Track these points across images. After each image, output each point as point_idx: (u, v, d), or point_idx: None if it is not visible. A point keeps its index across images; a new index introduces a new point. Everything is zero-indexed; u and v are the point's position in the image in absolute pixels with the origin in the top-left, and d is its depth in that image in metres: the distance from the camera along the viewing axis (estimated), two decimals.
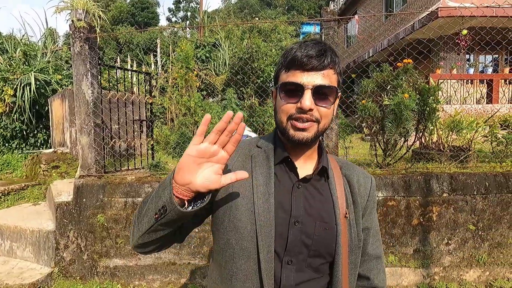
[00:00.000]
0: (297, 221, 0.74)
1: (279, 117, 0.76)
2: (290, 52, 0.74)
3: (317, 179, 0.81)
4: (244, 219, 0.74)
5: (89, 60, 2.82)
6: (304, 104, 0.70)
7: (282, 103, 0.74)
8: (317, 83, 0.71)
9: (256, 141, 0.86)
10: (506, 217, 2.56)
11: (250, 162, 0.80)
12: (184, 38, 12.22)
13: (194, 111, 5.66)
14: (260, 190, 0.75)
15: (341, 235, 0.76)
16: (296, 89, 0.72)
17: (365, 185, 0.87)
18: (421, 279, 2.55)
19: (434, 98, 2.80)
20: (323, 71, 0.72)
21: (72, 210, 2.72)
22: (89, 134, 2.86)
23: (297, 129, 0.73)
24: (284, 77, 0.75)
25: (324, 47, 0.73)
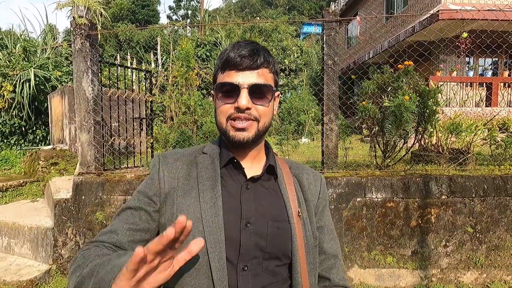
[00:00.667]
0: (248, 222, 0.71)
1: (218, 118, 0.76)
2: (224, 53, 0.74)
3: (266, 179, 0.80)
4: (192, 228, 0.64)
5: (89, 57, 2.81)
6: (241, 103, 0.71)
7: (220, 104, 0.74)
8: (252, 82, 0.72)
9: (201, 148, 0.84)
10: (504, 220, 2.57)
11: (195, 169, 0.78)
12: (185, 36, 12.20)
13: (194, 110, 5.66)
14: (207, 195, 0.72)
15: (296, 234, 0.74)
16: (232, 89, 0.72)
17: (315, 183, 0.87)
18: (419, 281, 2.56)
19: (434, 101, 2.81)
20: (257, 70, 0.73)
21: (70, 207, 2.71)
22: (89, 131, 2.85)
23: (237, 129, 0.73)
24: (220, 78, 0.75)
25: (256, 46, 0.74)
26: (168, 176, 0.77)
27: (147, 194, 0.76)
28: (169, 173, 0.77)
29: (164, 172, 0.77)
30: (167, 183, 0.76)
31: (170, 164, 0.79)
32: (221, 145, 0.82)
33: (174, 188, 0.75)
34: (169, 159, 0.80)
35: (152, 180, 0.77)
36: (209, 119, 6.04)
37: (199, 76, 7.85)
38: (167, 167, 0.78)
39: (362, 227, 2.57)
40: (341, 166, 3.04)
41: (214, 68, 0.80)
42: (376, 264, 2.57)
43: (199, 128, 5.66)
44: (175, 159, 0.80)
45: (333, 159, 2.82)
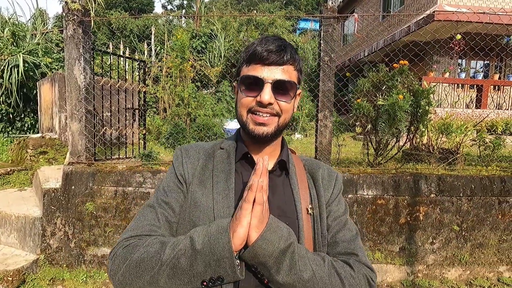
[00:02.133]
0: None
1: (239, 111, 0.77)
2: (251, 47, 0.75)
3: (278, 174, 0.81)
4: (203, 217, 0.72)
5: (82, 44, 2.74)
6: (264, 97, 0.71)
7: (242, 96, 0.75)
8: (277, 78, 0.72)
9: (220, 142, 0.87)
10: (489, 219, 2.65)
11: (211, 162, 0.81)
12: (180, 27, 12.00)
13: (188, 102, 5.60)
14: (220, 187, 0.75)
15: (304, 230, 0.74)
16: (256, 82, 0.72)
17: (329, 177, 0.85)
18: (405, 276, 2.63)
19: (427, 101, 2.85)
20: (283, 66, 0.73)
21: (60, 197, 2.67)
22: (80, 120, 2.79)
23: (257, 123, 0.74)
24: (245, 71, 0.75)
25: (284, 43, 0.74)
26: (189, 167, 0.80)
27: (175, 183, 0.79)
28: (191, 165, 0.81)
29: (187, 164, 0.81)
30: (189, 173, 0.79)
31: (191, 156, 0.82)
32: (238, 139, 0.84)
33: (193, 178, 0.79)
34: (190, 152, 0.83)
35: (177, 170, 0.81)
36: (203, 112, 6.00)
37: (193, 68, 7.76)
38: (189, 159, 0.82)
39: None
40: (334, 162, 3.06)
41: (239, 60, 0.80)
42: None
43: (193, 121, 5.61)
44: (196, 151, 0.83)
45: (326, 156, 2.84)
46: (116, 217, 2.65)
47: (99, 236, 2.65)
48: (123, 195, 2.65)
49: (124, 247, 0.69)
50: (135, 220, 0.75)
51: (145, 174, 2.68)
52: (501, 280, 2.62)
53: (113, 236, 2.65)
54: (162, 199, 0.77)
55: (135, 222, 0.74)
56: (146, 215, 0.75)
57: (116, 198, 2.65)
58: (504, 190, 2.66)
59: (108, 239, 2.65)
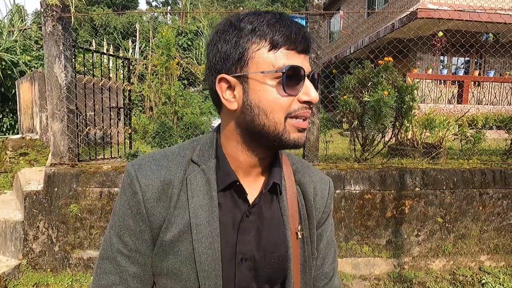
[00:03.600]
0: (244, 259, 0.61)
1: (272, 116, 0.55)
2: (275, 26, 0.53)
3: (268, 198, 0.65)
4: (185, 270, 0.58)
5: (62, 42, 2.64)
6: (315, 95, 0.56)
7: (277, 96, 0.54)
8: (310, 69, 0.57)
9: (190, 150, 0.63)
10: (470, 210, 2.74)
11: (185, 190, 0.59)
12: (165, 24, 11.79)
13: (175, 100, 5.52)
14: (201, 232, 0.58)
15: (293, 259, 0.65)
16: (297, 75, 0.54)
17: (321, 193, 0.72)
18: (392, 268, 2.69)
19: (411, 97, 2.91)
20: (308, 55, 0.58)
21: (42, 200, 2.58)
22: (62, 120, 2.71)
23: (301, 130, 0.57)
24: (280, 59, 0.53)
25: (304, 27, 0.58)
26: (152, 201, 0.59)
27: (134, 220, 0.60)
28: (154, 195, 0.59)
29: (148, 195, 0.59)
30: (153, 208, 0.59)
31: (152, 184, 0.59)
32: (218, 152, 0.62)
33: (159, 214, 0.59)
34: (149, 175, 0.60)
35: (133, 205, 0.59)
36: (190, 110, 5.93)
37: (180, 66, 7.65)
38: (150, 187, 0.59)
39: (340, 218, 2.65)
40: (321, 159, 3.09)
41: (241, 39, 0.54)
42: (353, 253, 2.66)
43: (180, 119, 5.54)
44: (158, 174, 0.60)
45: (314, 152, 2.86)
46: (102, 219, 2.59)
47: (84, 238, 2.59)
48: (109, 196, 2.59)
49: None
50: (104, 273, 0.61)
51: None
52: (482, 269, 2.73)
53: (99, 238, 2.59)
54: (131, 246, 0.60)
55: (111, 274, 0.61)
56: (120, 265, 0.61)
57: (102, 199, 2.59)
58: (485, 183, 2.75)
59: (94, 241, 2.59)
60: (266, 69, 0.54)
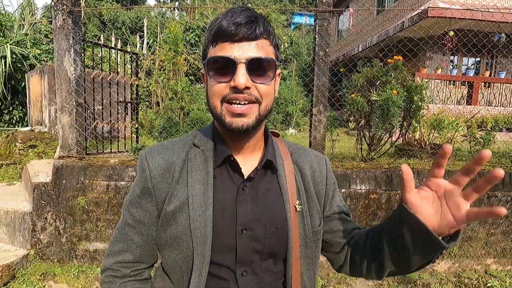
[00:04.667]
0: (244, 229, 0.66)
1: (211, 101, 0.64)
2: (215, 22, 0.62)
3: (264, 174, 0.71)
4: (185, 238, 0.65)
5: (72, 35, 2.67)
6: (239, 81, 0.59)
7: (213, 84, 0.62)
8: (251, 56, 0.60)
9: (193, 137, 0.74)
10: None
11: (185, 167, 0.69)
12: (173, 19, 11.81)
13: (181, 96, 5.54)
14: (196, 201, 0.65)
15: (292, 230, 0.69)
16: (227, 64, 0.60)
17: (320, 170, 0.78)
18: None
19: (420, 96, 2.87)
20: (256, 41, 0.61)
21: (50, 192, 2.62)
22: (71, 113, 2.74)
23: (235, 114, 0.62)
24: (212, 53, 0.63)
25: (254, 13, 0.62)
26: (158, 178, 0.69)
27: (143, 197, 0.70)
28: (160, 175, 0.69)
29: (155, 174, 0.69)
30: (159, 184, 0.68)
31: (159, 165, 0.69)
32: (215, 135, 0.72)
33: (164, 190, 0.69)
34: (156, 158, 0.70)
35: (144, 182, 0.69)
36: (197, 106, 5.95)
37: (187, 62, 7.66)
38: (157, 168, 0.69)
39: None
40: (327, 157, 3.07)
41: (204, 42, 0.66)
42: None
43: (186, 115, 5.56)
44: (164, 156, 0.70)
45: (320, 151, 2.85)
46: (109, 212, 2.62)
47: (91, 231, 2.62)
48: (116, 190, 2.62)
49: (105, 282, 0.71)
50: (115, 241, 0.72)
51: None
52: (488, 272, 2.69)
53: (105, 231, 2.62)
54: (135, 217, 0.70)
55: (120, 242, 0.71)
56: (127, 235, 0.71)
57: (108, 193, 2.62)
58: (493, 185, 2.71)
59: (100, 234, 2.62)
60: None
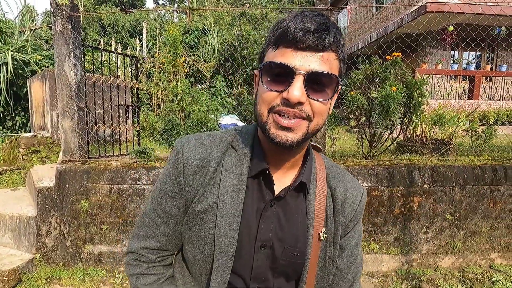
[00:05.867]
0: (263, 246, 0.65)
1: (258, 107, 0.60)
2: (282, 24, 0.57)
3: (295, 194, 0.69)
4: (208, 240, 0.65)
5: (72, 40, 2.69)
6: (292, 94, 0.54)
7: (264, 90, 0.58)
8: (312, 68, 0.55)
9: (232, 137, 0.70)
10: (481, 207, 2.69)
11: (219, 169, 0.66)
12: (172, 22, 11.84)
13: (182, 98, 5.56)
14: (226, 209, 0.64)
15: (311, 257, 0.67)
16: (284, 73, 0.55)
17: (352, 201, 0.73)
18: (400, 266, 2.67)
19: (420, 92, 2.87)
20: (322, 53, 0.55)
21: (54, 196, 2.65)
22: (72, 118, 2.76)
23: (281, 127, 0.57)
24: (271, 56, 0.58)
25: (326, 21, 0.56)
26: (190, 171, 0.67)
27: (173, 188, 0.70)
28: (192, 168, 0.67)
29: (188, 166, 0.66)
30: (190, 178, 0.67)
31: (194, 157, 0.67)
32: (255, 142, 0.68)
33: (194, 186, 0.67)
34: (192, 151, 0.67)
35: (175, 174, 0.68)
36: (197, 107, 5.96)
37: (187, 64, 7.69)
38: (191, 161, 0.67)
39: None
40: (328, 155, 3.08)
41: (264, 41, 0.62)
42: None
43: (187, 117, 5.58)
44: (200, 151, 0.68)
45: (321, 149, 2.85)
46: (112, 215, 2.64)
47: (95, 234, 2.64)
48: (118, 192, 2.64)
49: (131, 264, 0.73)
50: (142, 226, 0.73)
51: (140, 171, 2.66)
52: (493, 267, 2.68)
53: (109, 233, 2.64)
54: (164, 208, 0.70)
55: (146, 228, 0.72)
56: (155, 223, 0.71)
57: (111, 196, 2.64)
58: (496, 179, 2.70)
59: (104, 237, 2.64)
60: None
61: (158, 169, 2.68)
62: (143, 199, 2.64)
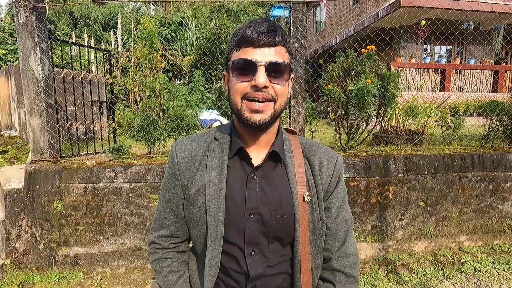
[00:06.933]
0: (252, 213, 0.75)
1: (233, 98, 0.74)
2: (240, 31, 0.72)
3: (273, 165, 0.80)
4: (202, 217, 0.76)
5: (37, 33, 2.54)
6: (259, 80, 0.68)
7: (235, 82, 0.72)
8: (270, 60, 0.69)
9: (215, 132, 0.85)
10: (451, 194, 2.84)
11: (206, 156, 0.80)
12: (148, 15, 11.45)
13: (160, 93, 5.41)
14: (212, 186, 0.76)
15: (300, 219, 0.76)
16: (249, 66, 0.70)
17: (327, 165, 0.83)
18: (377, 252, 2.78)
19: (394, 85, 2.96)
20: (275, 48, 0.71)
21: (24, 198, 2.51)
22: (41, 115, 2.62)
23: (253, 110, 0.71)
24: (236, 56, 0.73)
25: (273, 24, 0.72)
26: (183, 166, 0.81)
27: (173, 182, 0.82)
28: (185, 163, 0.81)
29: (181, 162, 0.81)
30: (184, 171, 0.81)
31: (185, 155, 0.82)
32: (232, 130, 0.81)
33: (188, 176, 0.80)
34: (184, 149, 0.82)
35: (173, 169, 0.82)
36: (176, 103, 5.84)
37: (164, 58, 7.49)
38: (183, 158, 0.81)
39: None
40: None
41: (228, 47, 0.77)
42: None
43: (166, 113, 5.45)
44: (190, 148, 0.82)
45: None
46: (88, 215, 2.55)
47: (70, 235, 2.55)
48: (94, 192, 2.55)
49: (151, 253, 0.87)
50: (155, 220, 0.87)
51: (116, 169, 2.58)
52: (462, 249, 2.85)
53: (86, 234, 2.55)
54: (167, 198, 0.84)
55: (158, 221, 0.86)
56: (162, 214, 0.85)
57: (86, 195, 2.54)
58: (464, 167, 2.86)
59: (80, 238, 2.55)
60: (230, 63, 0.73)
61: (135, 166, 2.61)
62: (121, 198, 2.57)
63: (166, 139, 3.11)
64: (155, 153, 3.06)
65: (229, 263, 0.77)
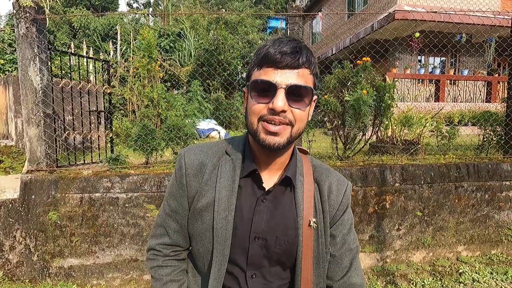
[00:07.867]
0: (257, 237, 0.75)
1: (249, 118, 0.71)
2: (263, 49, 0.69)
3: (283, 190, 0.78)
4: (207, 235, 0.75)
5: (36, 44, 2.56)
6: (276, 104, 0.66)
7: (253, 103, 0.70)
8: (291, 82, 0.67)
9: (226, 145, 0.82)
10: (447, 203, 2.86)
11: (215, 172, 0.77)
12: (146, 25, 11.61)
13: (158, 103, 5.44)
14: (221, 205, 0.74)
15: (304, 246, 0.75)
16: (268, 88, 0.67)
17: (337, 192, 0.81)
18: (375, 263, 2.76)
19: (390, 95, 3.01)
20: (298, 70, 0.68)
21: (18, 208, 2.49)
22: (38, 125, 2.62)
23: (269, 132, 0.69)
24: (256, 75, 0.70)
25: (299, 44, 0.69)
26: (192, 178, 0.78)
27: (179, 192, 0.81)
28: (193, 175, 0.78)
29: (189, 173, 0.78)
30: (191, 183, 0.78)
31: (194, 165, 0.79)
32: (246, 148, 0.79)
33: (195, 188, 0.78)
34: (193, 159, 0.79)
35: (179, 179, 0.80)
36: (174, 112, 5.86)
37: (162, 68, 7.56)
38: (192, 169, 0.78)
39: None
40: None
41: (250, 64, 0.75)
42: None
43: (164, 122, 5.46)
44: (199, 159, 0.79)
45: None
46: (83, 226, 2.52)
47: (64, 246, 2.51)
48: (90, 202, 2.53)
49: (150, 259, 0.84)
50: (157, 226, 0.85)
51: (113, 179, 2.57)
52: (460, 259, 2.85)
53: (81, 245, 2.52)
54: (171, 207, 0.82)
55: (160, 227, 0.84)
56: (166, 221, 0.83)
57: (82, 206, 2.52)
58: (460, 176, 2.88)
59: (75, 249, 2.52)
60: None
61: (132, 176, 2.60)
62: (117, 208, 2.55)
63: (163, 148, 3.12)
64: (153, 163, 3.06)
65: (229, 282, 0.77)
